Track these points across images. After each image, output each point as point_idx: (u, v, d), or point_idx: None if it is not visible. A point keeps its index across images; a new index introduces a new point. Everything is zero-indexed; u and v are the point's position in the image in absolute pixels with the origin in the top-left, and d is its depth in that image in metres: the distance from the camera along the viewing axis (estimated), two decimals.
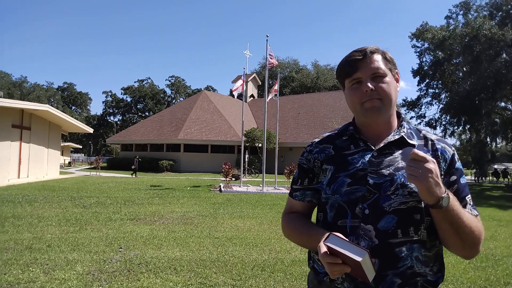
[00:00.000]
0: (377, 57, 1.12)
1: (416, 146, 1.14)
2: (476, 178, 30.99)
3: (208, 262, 4.39)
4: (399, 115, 1.21)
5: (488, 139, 31.38)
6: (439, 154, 1.12)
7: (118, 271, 3.95)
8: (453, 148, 1.17)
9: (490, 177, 33.37)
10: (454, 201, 0.98)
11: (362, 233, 1.06)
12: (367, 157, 1.12)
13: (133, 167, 22.60)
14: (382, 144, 1.13)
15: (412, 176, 0.93)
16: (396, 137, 1.14)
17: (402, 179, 1.06)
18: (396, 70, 1.17)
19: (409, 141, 1.14)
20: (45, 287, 3.46)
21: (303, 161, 1.26)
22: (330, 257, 0.92)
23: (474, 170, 32.82)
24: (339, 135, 1.24)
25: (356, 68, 1.11)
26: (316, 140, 1.27)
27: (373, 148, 1.14)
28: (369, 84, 1.08)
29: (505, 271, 4.43)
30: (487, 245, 5.82)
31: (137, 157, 24.03)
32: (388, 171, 1.08)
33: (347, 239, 0.94)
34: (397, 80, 1.18)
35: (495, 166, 38.29)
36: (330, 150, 1.21)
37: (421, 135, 1.18)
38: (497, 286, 3.92)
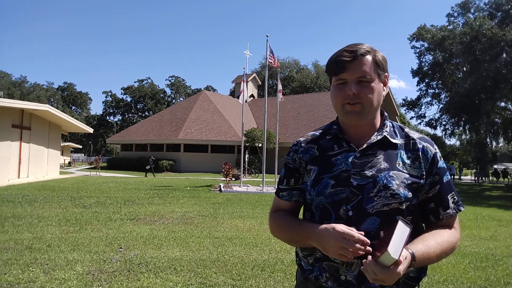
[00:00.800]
0: (367, 61, 1.10)
1: (398, 145, 1.14)
2: (476, 178, 30.99)
3: (208, 262, 4.39)
4: (382, 113, 1.20)
5: (488, 139, 31.40)
6: (420, 154, 1.13)
7: (118, 271, 3.95)
8: (436, 147, 1.17)
9: (490, 177, 33.38)
10: (421, 257, 0.99)
11: None
12: (351, 158, 1.13)
13: (147, 167, 22.54)
14: (365, 145, 1.13)
15: (377, 280, 0.92)
16: (379, 137, 1.14)
17: (385, 181, 1.07)
18: (386, 74, 1.16)
19: (392, 140, 1.14)
20: (45, 287, 3.46)
21: (289, 160, 1.26)
22: (361, 240, 0.95)
23: (474, 170, 32.84)
24: (323, 134, 1.24)
25: (343, 68, 1.10)
26: (302, 139, 1.27)
27: (356, 149, 1.14)
28: (352, 88, 1.08)
29: (505, 271, 4.43)
30: (487, 245, 5.83)
31: (152, 157, 23.81)
32: (370, 173, 1.09)
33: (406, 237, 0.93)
34: (384, 84, 1.16)
35: (495, 166, 38.30)
36: (314, 150, 1.21)
37: (403, 133, 1.18)
38: (497, 286, 3.92)
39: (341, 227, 0.99)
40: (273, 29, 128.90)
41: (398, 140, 1.15)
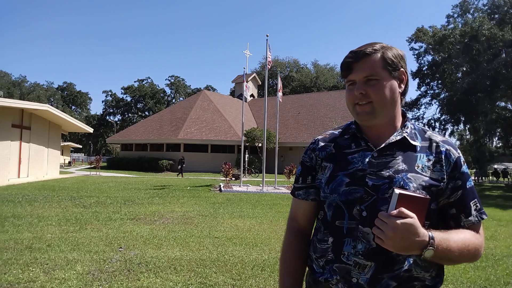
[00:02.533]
0: (373, 59, 1.08)
1: (418, 147, 1.11)
2: (476, 178, 31.02)
3: (208, 262, 4.39)
4: (404, 114, 1.18)
5: (486, 139, 31.42)
6: (443, 157, 1.09)
7: (118, 271, 3.96)
8: (459, 151, 1.13)
9: (490, 177, 33.41)
10: (441, 243, 0.96)
11: (360, 235, 1.04)
12: (367, 158, 1.10)
13: (179, 167, 22.55)
14: (383, 145, 1.10)
15: (378, 239, 0.94)
16: (398, 137, 1.11)
17: (402, 183, 1.04)
18: (401, 70, 1.12)
19: (411, 142, 1.11)
20: (45, 286, 3.46)
21: (306, 158, 1.25)
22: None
23: (474, 170, 32.84)
24: (342, 133, 1.23)
25: (350, 69, 1.10)
26: (319, 137, 1.26)
27: (374, 148, 1.11)
28: (358, 89, 1.08)
29: (505, 270, 4.44)
30: (487, 245, 5.83)
31: (183, 157, 23.61)
32: (387, 173, 1.06)
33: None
34: (401, 80, 1.13)
35: (495, 166, 38.32)
36: (331, 148, 1.20)
37: (425, 136, 1.14)
38: (497, 286, 3.92)
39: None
40: (273, 29, 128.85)
41: (418, 142, 1.12)
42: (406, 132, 1.12)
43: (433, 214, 1.08)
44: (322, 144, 1.22)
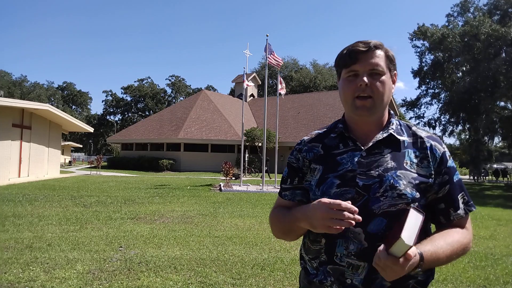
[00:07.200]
0: (380, 53, 1.09)
1: (405, 142, 1.12)
2: (476, 178, 31.02)
3: (208, 261, 4.40)
4: (389, 111, 1.18)
5: (486, 138, 31.41)
6: (429, 153, 1.10)
7: (118, 270, 3.97)
8: (444, 146, 1.14)
9: (490, 177, 33.40)
10: (430, 258, 0.96)
11: (351, 236, 1.04)
12: (356, 158, 1.10)
13: (266, 168, 22.45)
14: (370, 144, 1.10)
15: (382, 272, 0.92)
16: (385, 135, 1.11)
17: (392, 181, 1.04)
18: (395, 72, 1.14)
19: (398, 137, 1.12)
20: (45, 286, 3.47)
21: (292, 159, 1.23)
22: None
23: (481, 170, 32.74)
24: (328, 132, 1.21)
25: (356, 59, 1.08)
26: (306, 138, 1.25)
27: (362, 147, 1.11)
28: (365, 79, 1.06)
29: (504, 270, 4.45)
30: (486, 244, 5.84)
31: (268, 158, 23.49)
32: (377, 172, 1.06)
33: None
34: (393, 82, 1.14)
35: (495, 166, 38.31)
36: (318, 149, 1.18)
37: (410, 132, 1.15)
38: (496, 285, 3.93)
39: (326, 199, 0.97)
40: (273, 29, 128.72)
41: (404, 137, 1.13)
42: (392, 129, 1.13)
43: (423, 211, 1.07)
44: (309, 145, 1.21)
